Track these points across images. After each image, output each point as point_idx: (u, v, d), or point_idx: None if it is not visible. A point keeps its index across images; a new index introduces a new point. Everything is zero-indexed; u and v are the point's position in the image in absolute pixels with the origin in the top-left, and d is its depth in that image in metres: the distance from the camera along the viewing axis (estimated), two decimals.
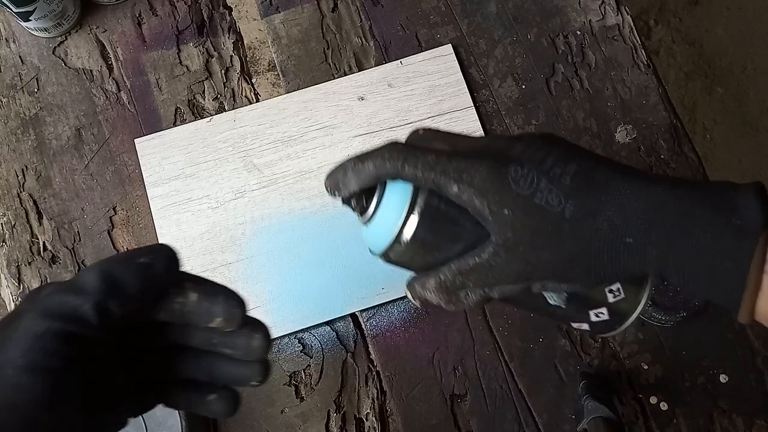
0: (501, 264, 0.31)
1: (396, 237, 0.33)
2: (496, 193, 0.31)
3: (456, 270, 0.32)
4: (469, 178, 0.31)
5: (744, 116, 1.47)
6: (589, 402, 0.52)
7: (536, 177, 0.31)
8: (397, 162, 0.32)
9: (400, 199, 0.33)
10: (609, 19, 0.66)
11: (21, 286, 0.61)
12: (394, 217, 0.32)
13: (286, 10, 0.67)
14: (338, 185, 0.34)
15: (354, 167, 0.33)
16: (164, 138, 0.64)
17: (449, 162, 0.31)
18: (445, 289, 0.33)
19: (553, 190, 0.30)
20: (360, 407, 0.58)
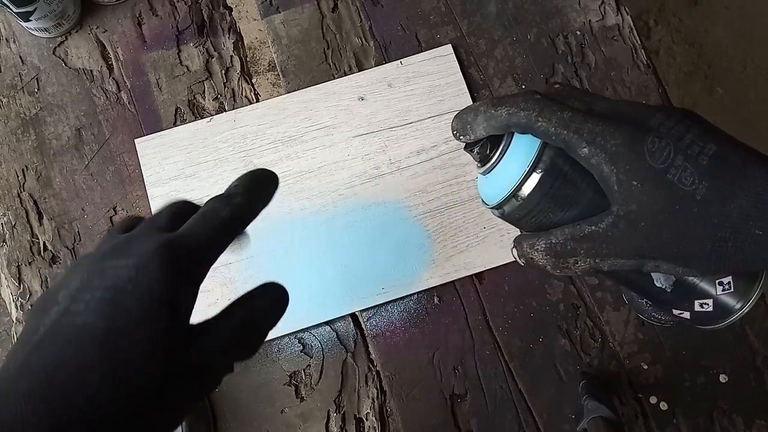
0: (618, 236, 0.30)
1: (513, 191, 0.32)
2: (629, 161, 0.29)
3: (569, 235, 0.31)
4: (603, 142, 0.30)
5: (744, 116, 1.47)
6: (589, 402, 0.52)
7: (673, 152, 0.29)
8: (531, 113, 0.30)
9: (525, 152, 0.31)
10: (609, 19, 0.66)
11: (21, 286, 0.61)
12: (516, 171, 0.31)
13: (286, 11, 0.67)
14: (465, 128, 0.32)
15: (486, 111, 0.31)
16: (164, 138, 0.64)
17: (585, 121, 0.30)
18: (555, 253, 0.32)
19: (688, 169, 0.29)
20: (360, 407, 0.58)
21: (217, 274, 0.60)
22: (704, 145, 0.30)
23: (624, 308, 0.59)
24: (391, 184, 0.62)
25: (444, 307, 0.60)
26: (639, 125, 0.30)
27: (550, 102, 0.31)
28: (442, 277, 0.60)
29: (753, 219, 0.29)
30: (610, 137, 0.29)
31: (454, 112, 0.63)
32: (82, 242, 0.62)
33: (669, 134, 0.30)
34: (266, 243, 0.61)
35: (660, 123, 0.30)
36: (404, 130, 0.63)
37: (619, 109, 0.31)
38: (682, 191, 0.29)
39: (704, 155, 0.29)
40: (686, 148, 0.29)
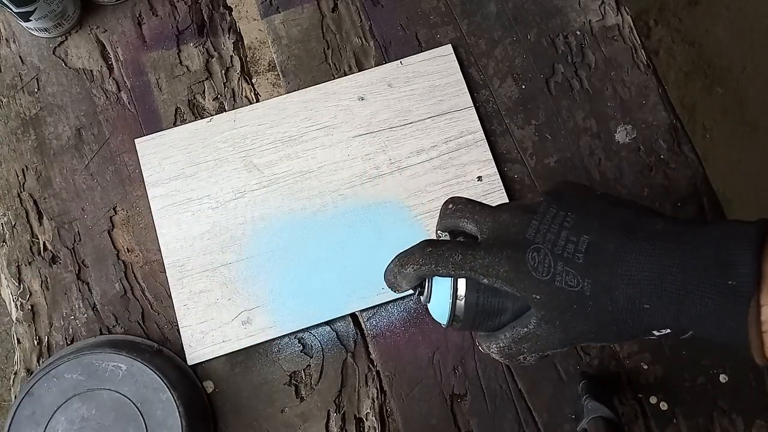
0: (544, 334, 0.35)
1: (451, 315, 0.38)
2: (520, 281, 0.34)
3: (510, 338, 0.37)
4: (495, 272, 0.35)
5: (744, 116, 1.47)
6: (589, 402, 0.52)
7: (552, 261, 0.34)
8: (430, 265, 0.37)
9: (445, 285, 0.38)
10: (609, 19, 0.66)
11: (21, 286, 0.61)
12: (445, 300, 0.38)
13: (286, 10, 0.67)
14: (394, 286, 0.40)
15: (399, 272, 0.38)
16: (164, 138, 0.64)
17: (474, 259, 0.36)
18: (506, 354, 0.37)
19: (570, 272, 0.34)
20: (360, 407, 0.58)
21: (217, 274, 0.60)
22: (578, 239, 0.34)
23: None
24: (391, 184, 0.62)
25: None
26: (518, 243, 0.35)
27: (441, 250, 0.37)
28: None
29: (637, 298, 0.33)
30: (498, 266, 0.35)
31: (454, 112, 0.63)
32: (82, 242, 0.62)
33: (545, 241, 0.34)
34: (266, 243, 0.61)
35: (536, 231, 0.35)
36: (404, 130, 0.63)
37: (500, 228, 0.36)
38: (572, 293, 0.34)
39: (579, 252, 0.34)
40: (562, 252, 0.34)
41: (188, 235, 0.61)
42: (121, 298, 0.61)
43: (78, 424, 0.55)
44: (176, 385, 0.55)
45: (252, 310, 0.59)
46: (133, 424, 0.55)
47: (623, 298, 0.33)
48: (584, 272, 0.33)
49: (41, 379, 0.55)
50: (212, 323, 0.59)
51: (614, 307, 0.33)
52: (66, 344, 0.60)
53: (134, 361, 0.55)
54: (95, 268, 0.62)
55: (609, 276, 0.33)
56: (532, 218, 0.36)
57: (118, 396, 0.55)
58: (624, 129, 0.63)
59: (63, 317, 0.61)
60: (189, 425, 0.54)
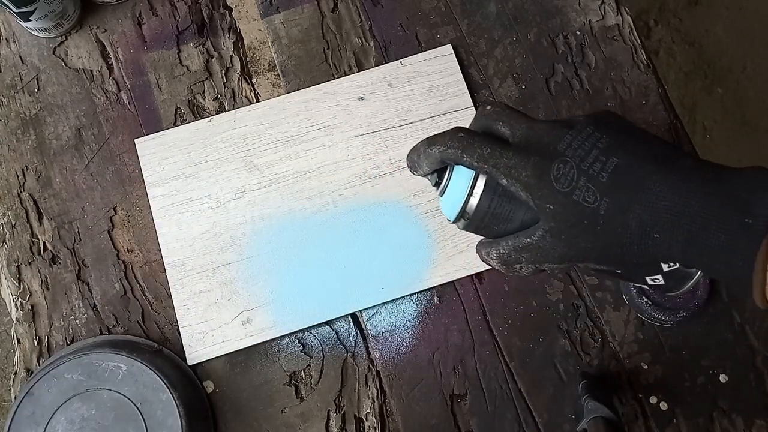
0: (548, 246, 0.36)
1: (461, 211, 0.38)
2: (539, 189, 0.35)
3: (512, 246, 0.37)
4: (516, 174, 0.35)
5: (744, 116, 1.47)
6: (589, 402, 0.52)
7: (576, 174, 0.34)
8: (457, 150, 0.36)
9: (464, 179, 0.38)
10: (609, 19, 0.66)
11: (21, 286, 0.61)
12: (460, 194, 0.38)
13: (286, 10, 0.67)
14: (414, 166, 0.39)
15: (424, 151, 0.38)
16: (164, 138, 0.64)
17: (501, 157, 0.35)
18: (504, 261, 0.38)
19: (591, 188, 0.34)
20: (360, 407, 0.58)
21: (217, 274, 0.60)
22: (606, 160, 0.34)
23: (624, 308, 0.59)
24: (391, 184, 0.62)
25: (444, 307, 0.60)
26: (547, 153, 0.35)
27: (472, 139, 0.36)
28: (442, 277, 0.60)
29: (649, 225, 0.33)
30: (522, 170, 0.35)
31: (454, 112, 0.63)
32: (82, 242, 0.62)
33: (574, 156, 0.35)
34: (266, 243, 0.61)
35: (568, 144, 0.35)
36: (404, 130, 0.63)
37: (534, 135, 0.36)
38: (587, 209, 0.34)
39: (605, 172, 0.34)
40: (588, 168, 0.34)
41: (188, 235, 0.61)
42: (121, 298, 0.61)
43: (78, 424, 0.55)
44: (176, 385, 0.55)
45: (252, 310, 0.59)
46: (133, 424, 0.55)
47: (636, 223, 0.33)
48: (604, 191, 0.34)
49: (41, 379, 0.55)
50: (212, 323, 0.59)
51: (623, 230, 0.34)
52: (66, 344, 0.60)
53: (134, 361, 0.55)
54: (95, 268, 0.62)
55: (628, 199, 0.33)
56: (567, 132, 0.36)
57: (118, 396, 0.55)
58: None
59: (63, 317, 0.61)
60: (189, 425, 0.54)
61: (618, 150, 0.35)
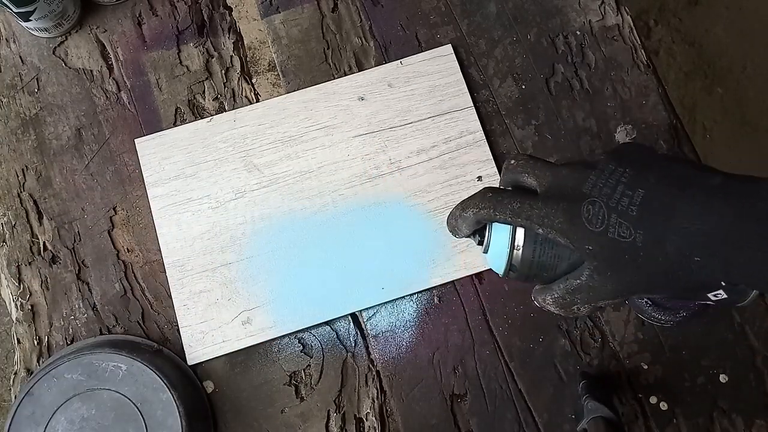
0: (598, 285, 0.36)
1: (508, 264, 0.39)
2: (574, 233, 0.36)
3: (564, 289, 0.38)
4: (550, 222, 0.36)
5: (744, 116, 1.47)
6: (589, 402, 0.52)
7: (606, 213, 0.35)
8: (489, 210, 0.38)
9: (504, 233, 0.39)
10: (609, 19, 0.66)
11: (21, 286, 0.61)
12: (503, 249, 0.39)
13: (286, 10, 0.67)
14: (455, 230, 0.41)
15: (460, 216, 0.40)
16: (164, 138, 0.64)
17: (531, 209, 0.37)
18: (560, 305, 0.38)
19: (624, 224, 0.35)
20: (360, 407, 0.58)
21: (217, 274, 0.60)
22: (633, 193, 0.35)
23: (624, 308, 0.59)
24: (391, 184, 0.62)
25: (444, 307, 0.60)
26: (574, 196, 0.36)
27: (501, 196, 0.38)
28: (442, 277, 0.60)
29: (688, 251, 0.34)
30: (554, 217, 0.36)
31: (454, 112, 0.63)
32: (82, 242, 0.62)
33: (601, 195, 0.35)
34: (266, 243, 0.61)
35: (593, 185, 0.36)
36: (404, 130, 0.63)
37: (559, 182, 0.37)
38: (624, 243, 0.34)
39: (633, 205, 0.35)
40: (617, 204, 0.35)
41: (188, 235, 0.61)
42: (121, 298, 0.61)
43: (78, 424, 0.55)
44: (176, 385, 0.55)
45: (252, 310, 0.59)
46: (133, 424, 0.55)
47: (674, 250, 0.34)
48: (637, 223, 0.34)
49: (41, 379, 0.55)
50: (212, 323, 0.59)
51: (665, 258, 0.34)
52: (66, 344, 0.60)
53: (134, 361, 0.55)
54: (95, 268, 0.62)
55: (661, 227, 0.34)
56: (590, 174, 0.37)
57: (118, 396, 0.55)
58: (624, 129, 0.63)
59: (63, 317, 0.61)
60: (189, 425, 0.54)
61: (642, 181, 0.35)
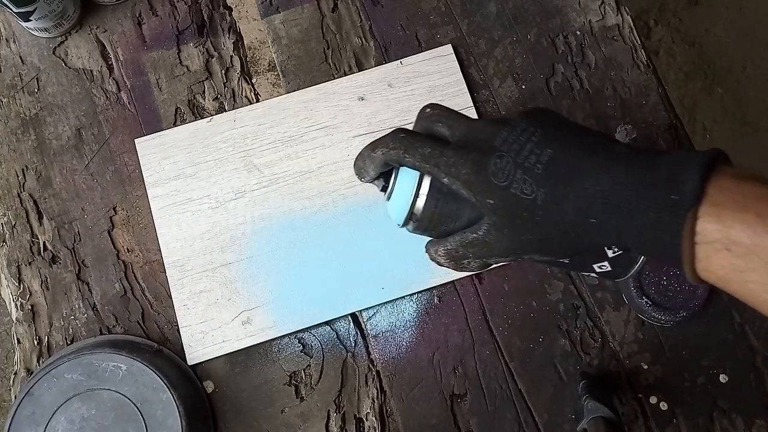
0: (493, 241, 0.37)
1: (409, 213, 0.39)
2: (479, 184, 0.36)
3: (458, 242, 0.38)
4: (456, 172, 0.36)
5: (744, 116, 1.47)
6: (589, 402, 0.52)
7: (513, 168, 0.35)
8: (398, 150, 0.38)
9: (410, 180, 0.38)
10: (609, 19, 0.66)
11: (21, 286, 0.61)
12: (406, 196, 0.38)
13: (286, 10, 0.67)
14: (361, 172, 0.40)
15: (368, 156, 0.39)
16: (164, 138, 0.64)
17: (441, 156, 0.37)
18: (452, 257, 0.39)
19: (527, 180, 0.35)
20: (360, 407, 0.58)
21: (217, 274, 0.60)
22: (541, 152, 0.35)
23: (624, 308, 0.59)
24: None
25: (444, 307, 0.60)
26: (484, 149, 0.36)
27: (413, 139, 0.38)
28: (442, 277, 0.60)
29: (585, 211, 0.34)
30: (461, 167, 0.36)
31: None
32: (82, 242, 0.62)
33: (510, 150, 0.36)
34: (266, 243, 0.61)
35: (504, 140, 0.36)
36: None
37: (472, 133, 0.38)
38: (526, 200, 0.35)
39: (540, 164, 0.35)
40: (524, 161, 0.35)
41: (188, 235, 0.61)
42: (121, 298, 0.61)
43: (78, 424, 0.55)
44: (176, 385, 0.55)
45: (252, 310, 0.59)
46: (133, 424, 0.55)
47: (572, 209, 0.34)
48: (540, 182, 0.35)
49: (41, 379, 0.55)
50: (212, 323, 0.59)
51: (562, 218, 0.35)
52: (66, 344, 0.60)
53: (134, 361, 0.55)
54: (95, 268, 0.62)
55: (563, 187, 0.34)
56: (502, 129, 0.37)
57: (118, 396, 0.55)
58: (624, 129, 0.63)
59: (63, 317, 0.61)
60: (189, 425, 0.54)
61: (551, 142, 0.36)
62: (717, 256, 0.31)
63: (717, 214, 0.31)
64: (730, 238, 0.31)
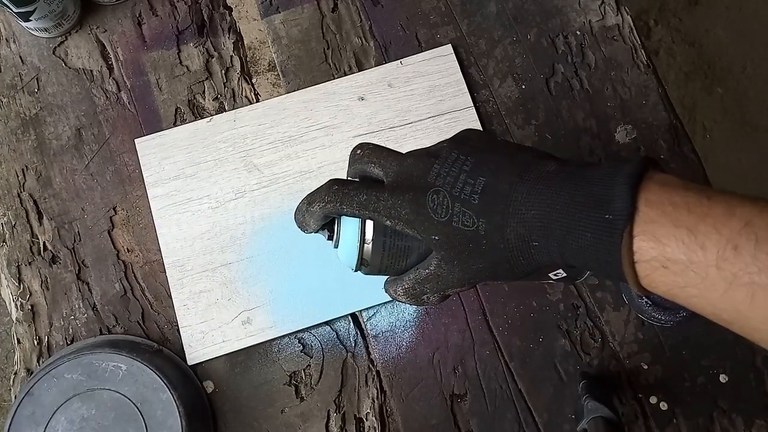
0: (445, 274, 0.37)
1: (359, 258, 0.39)
2: (421, 223, 0.36)
3: (414, 279, 0.38)
4: (397, 213, 0.36)
5: (744, 116, 1.47)
6: (589, 402, 0.52)
7: (450, 202, 0.36)
8: (335, 203, 0.38)
9: (353, 228, 0.39)
10: (609, 19, 0.66)
11: (21, 286, 0.61)
12: (353, 243, 0.39)
13: (286, 10, 0.67)
14: (302, 225, 0.40)
15: (307, 211, 0.39)
16: (164, 138, 0.64)
17: (378, 200, 0.37)
18: (410, 295, 0.39)
19: (467, 213, 0.35)
20: (360, 407, 0.58)
21: (217, 274, 0.60)
22: (474, 181, 0.36)
23: (624, 308, 0.59)
24: None
25: (444, 307, 0.60)
26: (419, 187, 0.36)
27: (347, 189, 0.38)
28: None
29: (526, 236, 0.35)
30: (400, 208, 0.36)
31: (454, 112, 0.63)
32: (82, 242, 0.62)
33: (445, 184, 0.36)
34: (266, 243, 0.61)
35: (437, 174, 0.36)
36: (404, 130, 0.63)
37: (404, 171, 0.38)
38: (468, 232, 0.35)
39: (475, 194, 0.35)
40: (460, 193, 0.36)
41: (188, 235, 0.61)
42: (121, 298, 0.61)
43: (78, 424, 0.55)
44: (176, 385, 0.55)
45: (252, 310, 0.59)
46: (133, 424, 0.55)
47: (514, 236, 0.35)
48: (479, 212, 0.35)
49: (41, 379, 0.55)
50: (212, 323, 0.59)
51: (506, 245, 0.35)
52: (66, 344, 0.60)
53: (134, 361, 0.55)
54: (95, 268, 0.62)
55: (501, 215, 0.35)
56: (434, 162, 0.37)
57: (118, 396, 0.55)
58: (624, 129, 0.63)
59: (63, 317, 0.61)
60: (189, 425, 0.54)
61: (483, 169, 0.36)
62: (656, 274, 0.32)
63: (651, 232, 0.31)
64: (665, 255, 0.31)
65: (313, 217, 0.39)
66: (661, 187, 0.32)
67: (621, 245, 0.31)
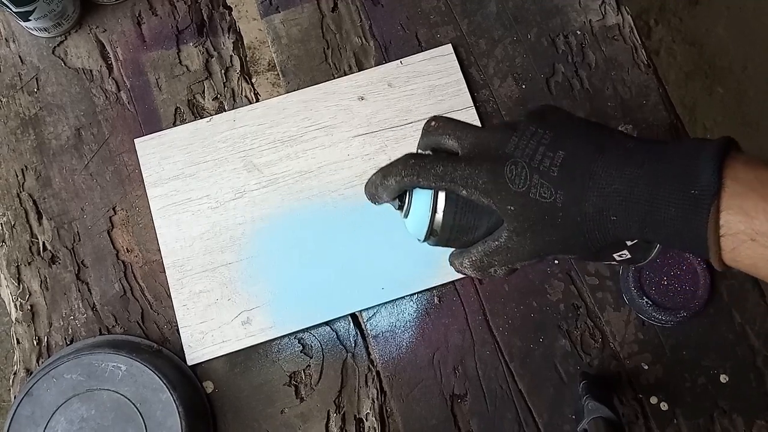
0: (515, 246, 0.37)
1: (429, 228, 0.39)
2: (498, 192, 0.36)
3: (482, 251, 0.38)
4: (474, 183, 0.36)
5: (744, 116, 1.47)
6: (589, 402, 0.52)
7: (529, 173, 0.36)
8: (412, 177, 0.38)
9: (425, 198, 0.39)
10: (609, 19, 0.66)
11: (21, 286, 0.61)
12: (424, 213, 0.39)
13: (286, 10, 0.67)
14: (374, 198, 0.41)
15: (381, 184, 0.39)
16: (164, 138, 0.64)
17: (455, 170, 0.37)
18: (477, 267, 0.39)
19: (545, 184, 0.35)
20: (360, 407, 0.58)
21: (217, 274, 0.60)
22: (554, 154, 0.36)
23: (624, 308, 0.59)
24: None
25: (444, 307, 0.60)
26: (497, 157, 0.36)
27: (424, 162, 0.38)
28: (442, 277, 0.60)
29: (605, 210, 0.35)
30: (477, 178, 0.36)
31: (454, 112, 0.63)
32: (82, 242, 0.62)
33: (523, 155, 0.36)
34: (266, 243, 0.61)
35: (515, 146, 0.36)
36: (404, 130, 0.63)
37: (481, 143, 0.38)
38: (545, 204, 0.35)
39: (554, 166, 0.35)
40: (539, 165, 0.36)
41: (188, 235, 0.61)
42: (120, 298, 0.61)
43: (77, 424, 0.55)
44: (176, 385, 0.55)
45: (252, 310, 0.59)
46: (133, 424, 0.54)
47: (592, 209, 0.35)
48: (557, 184, 0.35)
49: (41, 379, 0.55)
50: (212, 323, 0.59)
51: (583, 218, 0.35)
52: (65, 344, 0.60)
53: (134, 362, 0.55)
54: (95, 268, 0.61)
55: (580, 188, 0.35)
56: (512, 134, 0.37)
57: (117, 396, 0.55)
58: (624, 129, 0.63)
59: (62, 317, 0.61)
60: (189, 425, 0.54)
61: (563, 143, 0.36)
62: (743, 247, 0.32)
63: (739, 206, 0.31)
64: (754, 228, 0.31)
65: (388, 190, 0.39)
66: (744, 164, 0.33)
67: (707, 218, 0.32)
